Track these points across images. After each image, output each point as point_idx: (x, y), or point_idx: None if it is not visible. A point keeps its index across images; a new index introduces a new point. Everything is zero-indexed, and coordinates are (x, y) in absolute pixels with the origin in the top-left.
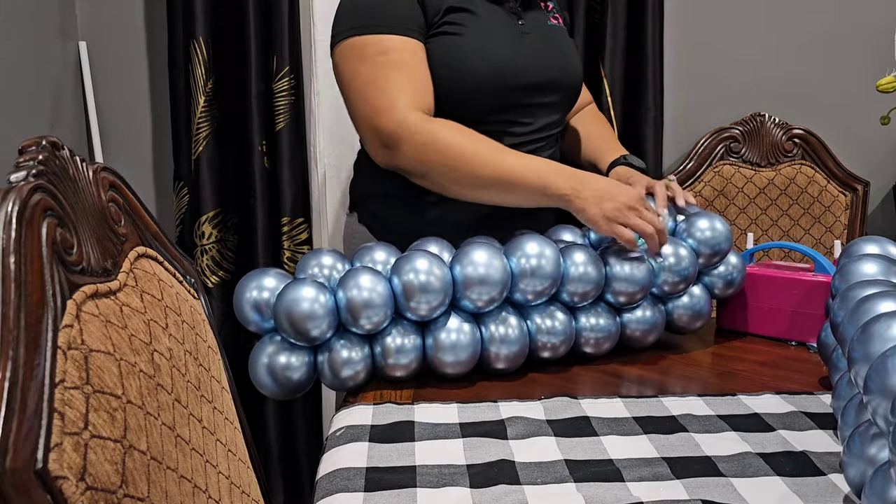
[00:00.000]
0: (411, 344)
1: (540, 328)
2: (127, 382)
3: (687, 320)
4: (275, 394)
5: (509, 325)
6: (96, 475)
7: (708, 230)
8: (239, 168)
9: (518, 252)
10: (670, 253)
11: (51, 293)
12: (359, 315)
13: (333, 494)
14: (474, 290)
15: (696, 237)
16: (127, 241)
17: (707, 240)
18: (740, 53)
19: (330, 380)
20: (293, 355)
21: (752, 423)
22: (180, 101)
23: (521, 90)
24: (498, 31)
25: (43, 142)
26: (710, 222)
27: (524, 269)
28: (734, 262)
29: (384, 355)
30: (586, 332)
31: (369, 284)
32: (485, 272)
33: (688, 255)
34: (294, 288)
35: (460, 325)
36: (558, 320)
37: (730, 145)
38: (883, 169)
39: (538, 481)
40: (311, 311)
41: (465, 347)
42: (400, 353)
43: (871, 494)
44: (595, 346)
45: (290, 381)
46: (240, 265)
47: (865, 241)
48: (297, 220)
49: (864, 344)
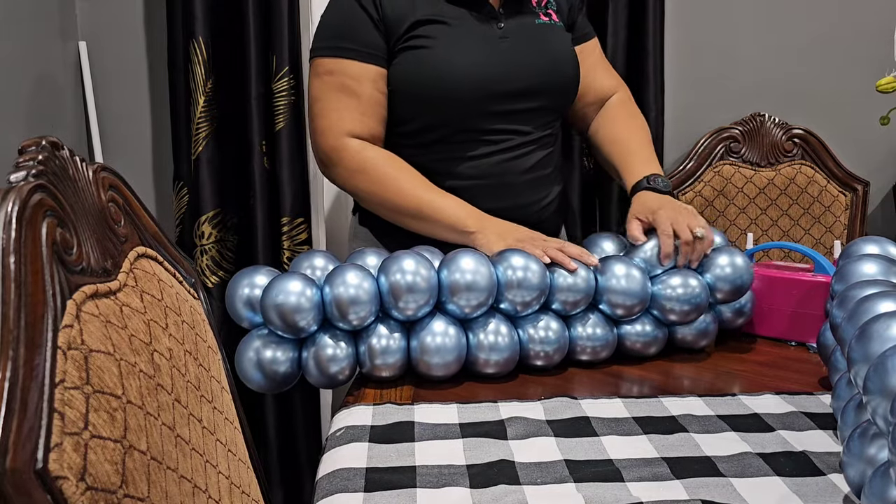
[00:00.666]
0: (396, 345)
1: (532, 337)
2: (127, 382)
3: (692, 339)
4: (262, 387)
5: (499, 334)
6: (96, 475)
7: (728, 266)
8: (239, 168)
9: (504, 263)
10: (679, 284)
11: (51, 293)
12: (346, 311)
13: (333, 494)
14: (462, 296)
15: (714, 273)
16: (127, 241)
17: (726, 276)
18: (740, 53)
19: (315, 377)
20: (279, 349)
21: (752, 424)
22: (180, 102)
23: (498, 97)
24: (471, 39)
25: (43, 142)
26: (731, 258)
27: (510, 281)
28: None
29: (370, 356)
30: (582, 341)
31: (356, 281)
32: (472, 279)
33: (699, 285)
34: (282, 281)
35: (446, 329)
36: (552, 330)
37: (730, 145)
38: (883, 169)
39: (538, 481)
40: (297, 304)
41: (451, 351)
42: (386, 354)
43: (871, 494)
44: (592, 354)
45: (276, 375)
46: (240, 265)
47: (865, 242)
48: (297, 220)
49: (863, 344)
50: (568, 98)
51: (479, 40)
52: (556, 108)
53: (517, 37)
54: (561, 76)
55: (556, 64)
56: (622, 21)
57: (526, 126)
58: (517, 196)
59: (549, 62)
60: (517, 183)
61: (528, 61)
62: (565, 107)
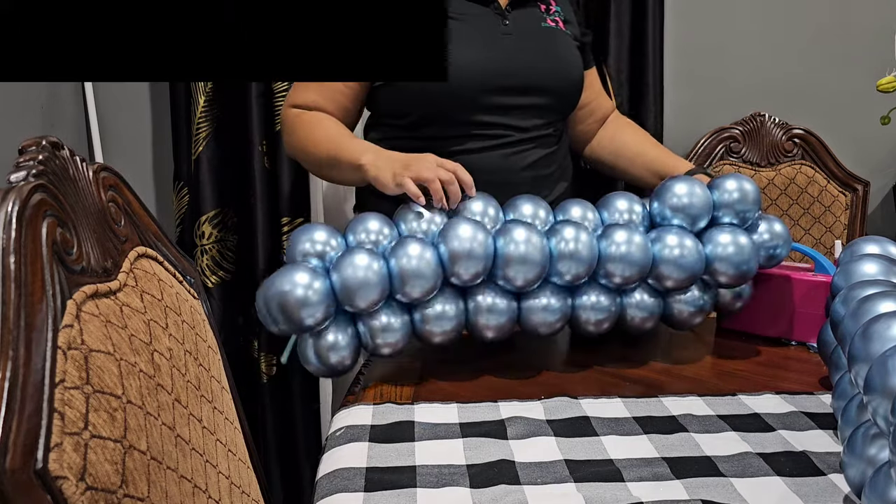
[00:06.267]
0: (399, 322)
1: (534, 307)
2: (127, 382)
3: (687, 315)
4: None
5: (497, 298)
6: (96, 475)
7: (731, 245)
8: (239, 168)
9: (506, 236)
10: (675, 244)
11: (51, 293)
12: (354, 296)
13: (333, 494)
14: (461, 264)
15: (717, 254)
16: (127, 241)
17: (730, 256)
18: (740, 53)
19: (316, 366)
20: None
21: (752, 423)
22: (180, 101)
23: (495, 91)
24: (473, 33)
25: (43, 142)
26: (734, 237)
27: (511, 255)
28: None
29: (371, 335)
30: (585, 312)
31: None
32: (470, 246)
33: (693, 246)
34: (285, 273)
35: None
36: (556, 297)
37: (730, 145)
38: (883, 169)
39: (538, 481)
40: (304, 297)
41: (451, 319)
42: (387, 332)
43: (871, 495)
44: (596, 325)
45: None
46: (240, 265)
47: (866, 241)
48: (297, 220)
49: (864, 344)
50: (570, 101)
51: (481, 34)
52: (558, 108)
53: (520, 34)
54: (564, 78)
55: (560, 65)
56: (626, 21)
57: (524, 123)
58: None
59: (551, 62)
60: (516, 180)
61: (528, 58)
62: (567, 109)
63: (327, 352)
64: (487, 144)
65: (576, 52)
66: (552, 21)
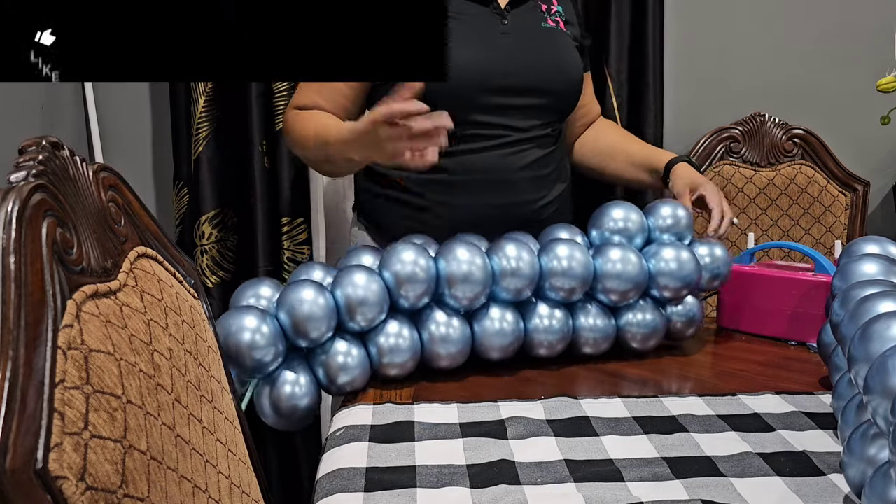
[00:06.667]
0: (407, 343)
1: (537, 327)
2: (127, 382)
3: (681, 326)
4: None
5: (504, 321)
6: (96, 475)
7: (707, 256)
8: (239, 168)
9: (499, 252)
10: (672, 258)
11: (51, 293)
12: (354, 313)
13: (333, 494)
14: (458, 287)
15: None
16: (127, 241)
17: (706, 266)
18: (740, 53)
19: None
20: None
21: (752, 423)
22: (180, 101)
23: (493, 91)
24: (472, 32)
25: (43, 142)
26: (710, 249)
27: (504, 270)
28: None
29: (380, 354)
30: (585, 333)
31: (363, 282)
32: (468, 269)
33: (691, 260)
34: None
35: (449, 321)
36: (556, 318)
37: (730, 145)
38: (883, 169)
39: (538, 481)
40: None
41: (456, 342)
42: (394, 353)
43: (871, 494)
44: (594, 346)
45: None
46: (240, 265)
47: (865, 241)
48: (297, 220)
49: (864, 344)
50: (569, 101)
51: (479, 34)
52: (556, 109)
53: (519, 35)
54: (563, 78)
55: (559, 65)
56: (626, 21)
57: (521, 123)
58: (515, 193)
59: (551, 63)
60: (514, 179)
61: (527, 59)
62: (566, 109)
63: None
64: (486, 144)
65: (575, 53)
66: (552, 21)
